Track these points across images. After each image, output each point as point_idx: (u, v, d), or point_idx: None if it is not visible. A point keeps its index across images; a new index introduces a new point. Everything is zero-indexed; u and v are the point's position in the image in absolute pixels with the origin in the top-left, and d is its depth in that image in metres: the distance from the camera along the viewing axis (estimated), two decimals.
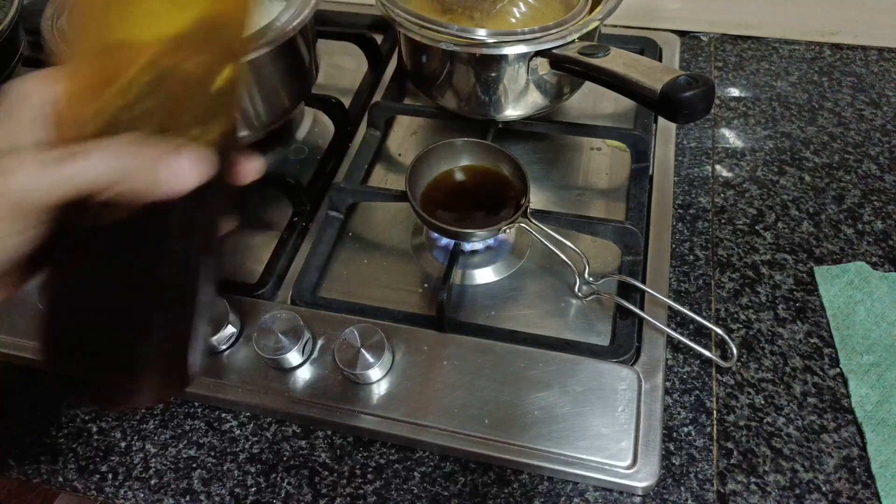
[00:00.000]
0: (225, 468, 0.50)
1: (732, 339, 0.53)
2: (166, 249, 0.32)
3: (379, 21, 0.86)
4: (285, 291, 0.59)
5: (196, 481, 0.50)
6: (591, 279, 0.56)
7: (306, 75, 0.70)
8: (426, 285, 0.60)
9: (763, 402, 0.51)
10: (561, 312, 0.57)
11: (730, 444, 0.49)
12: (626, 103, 0.74)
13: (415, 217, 0.61)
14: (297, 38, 0.65)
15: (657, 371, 0.51)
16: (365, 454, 0.50)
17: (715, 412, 0.51)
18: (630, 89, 0.53)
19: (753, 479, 0.48)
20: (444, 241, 0.60)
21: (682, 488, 0.47)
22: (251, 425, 0.52)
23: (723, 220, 0.63)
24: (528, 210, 0.56)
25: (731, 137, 0.71)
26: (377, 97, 0.77)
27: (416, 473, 0.49)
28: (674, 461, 0.48)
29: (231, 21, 0.33)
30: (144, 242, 0.31)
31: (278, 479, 0.49)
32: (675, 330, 0.53)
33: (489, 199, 0.59)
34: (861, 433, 0.49)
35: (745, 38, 0.83)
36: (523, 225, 0.55)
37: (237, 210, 0.38)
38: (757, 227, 0.62)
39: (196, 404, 0.54)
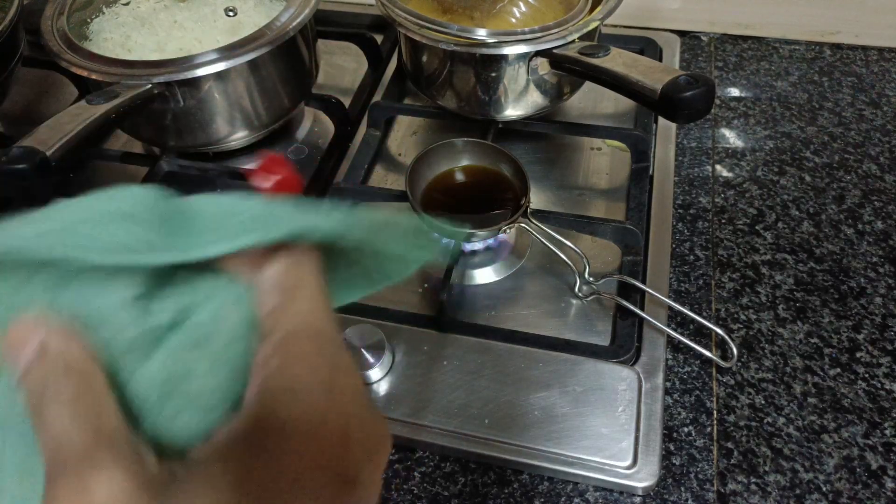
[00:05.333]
0: None
1: (732, 339, 0.53)
2: None
3: (379, 21, 0.86)
4: None
5: None
6: (591, 279, 0.56)
7: (306, 75, 0.70)
8: (426, 285, 0.60)
9: (763, 402, 0.51)
10: (561, 312, 0.57)
11: (730, 445, 0.49)
12: (626, 103, 0.74)
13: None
14: (297, 38, 0.65)
15: (657, 371, 0.51)
16: None
17: (715, 412, 0.51)
18: (630, 89, 0.53)
19: (754, 480, 0.48)
20: (444, 241, 0.60)
21: (683, 488, 0.47)
22: None
23: (723, 220, 0.63)
24: (529, 210, 0.56)
25: (731, 137, 0.71)
26: (377, 97, 0.77)
27: (416, 473, 0.49)
28: (674, 461, 0.48)
29: None
30: None
31: None
32: (675, 330, 0.53)
33: (489, 199, 0.59)
34: None
35: (745, 38, 0.83)
36: (523, 225, 0.55)
37: None
38: (757, 227, 0.62)
39: None
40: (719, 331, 0.52)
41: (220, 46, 0.60)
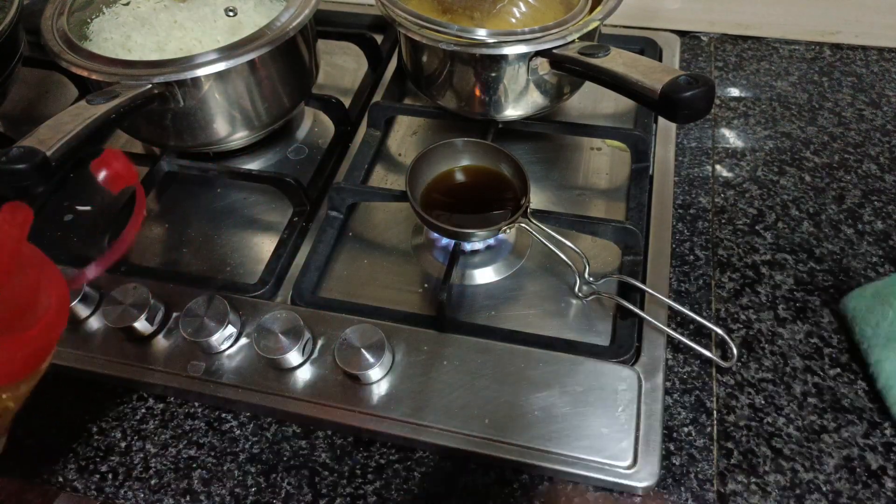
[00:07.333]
0: (225, 468, 0.50)
1: (732, 339, 0.53)
2: None
3: (379, 21, 0.86)
4: (285, 291, 0.59)
5: (196, 481, 0.50)
6: (591, 279, 0.56)
7: (306, 75, 0.70)
8: (426, 285, 0.60)
9: (763, 402, 0.51)
10: (561, 312, 0.57)
11: (730, 444, 0.49)
12: (626, 103, 0.74)
13: (415, 217, 0.61)
14: (297, 38, 0.65)
15: (657, 371, 0.51)
16: (365, 454, 0.50)
17: (715, 412, 0.51)
18: (630, 89, 0.53)
19: (754, 480, 0.48)
20: (444, 241, 0.60)
21: (683, 488, 0.47)
22: (251, 425, 0.52)
23: (723, 220, 0.63)
24: (529, 210, 0.56)
25: (731, 137, 0.71)
26: (377, 97, 0.77)
27: (416, 473, 0.49)
28: (674, 461, 0.48)
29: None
30: None
31: (278, 479, 0.49)
32: (675, 330, 0.53)
33: (489, 199, 0.59)
34: None
35: (745, 38, 0.83)
36: (523, 225, 0.55)
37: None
38: (757, 227, 0.62)
39: (196, 404, 0.54)
40: (719, 331, 0.52)
41: (220, 46, 0.60)
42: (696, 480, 0.47)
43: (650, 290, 0.55)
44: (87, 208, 0.68)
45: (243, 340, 0.55)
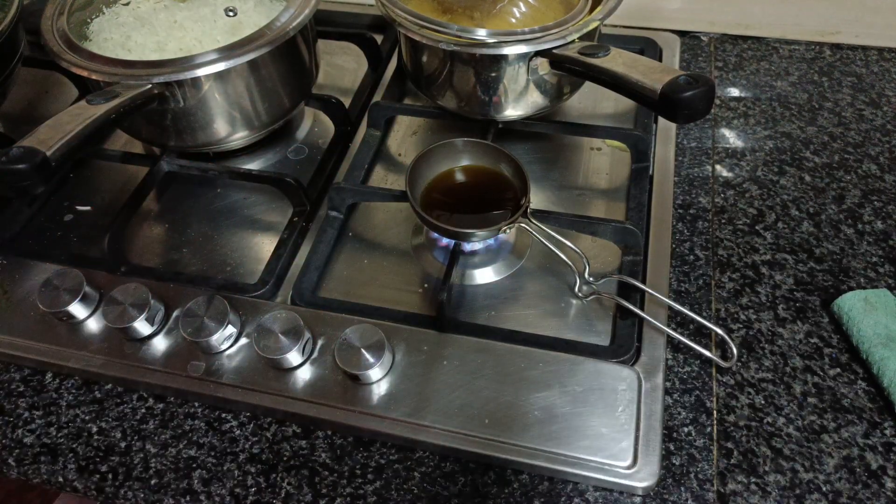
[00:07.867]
0: (225, 468, 0.50)
1: (732, 339, 0.53)
2: None
3: (379, 21, 0.86)
4: (285, 291, 0.59)
5: (196, 481, 0.50)
6: (591, 279, 0.56)
7: (306, 75, 0.70)
8: (426, 285, 0.60)
9: (763, 402, 0.51)
10: (561, 312, 0.57)
11: (730, 444, 0.49)
12: (626, 103, 0.74)
13: (415, 217, 0.61)
14: (297, 38, 0.65)
15: (657, 371, 0.51)
16: (365, 454, 0.50)
17: (715, 412, 0.51)
18: (630, 89, 0.53)
19: (753, 480, 0.48)
20: (444, 241, 0.60)
21: (683, 488, 0.47)
22: (251, 425, 0.52)
23: (723, 220, 0.63)
24: (529, 210, 0.56)
25: (731, 137, 0.71)
26: (377, 97, 0.77)
27: (416, 473, 0.49)
28: (674, 461, 0.48)
29: None
30: None
31: (278, 479, 0.49)
32: (675, 330, 0.53)
33: (489, 199, 0.59)
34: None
35: (745, 38, 0.83)
36: (523, 225, 0.55)
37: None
38: (757, 227, 0.62)
39: (196, 404, 0.54)
40: (719, 331, 0.52)
41: (220, 46, 0.60)
42: (696, 480, 0.47)
43: (650, 290, 0.55)
44: (87, 208, 0.68)
45: (243, 340, 0.55)
